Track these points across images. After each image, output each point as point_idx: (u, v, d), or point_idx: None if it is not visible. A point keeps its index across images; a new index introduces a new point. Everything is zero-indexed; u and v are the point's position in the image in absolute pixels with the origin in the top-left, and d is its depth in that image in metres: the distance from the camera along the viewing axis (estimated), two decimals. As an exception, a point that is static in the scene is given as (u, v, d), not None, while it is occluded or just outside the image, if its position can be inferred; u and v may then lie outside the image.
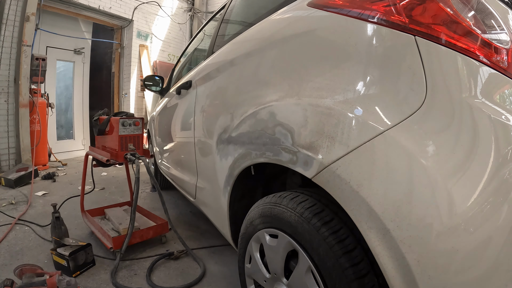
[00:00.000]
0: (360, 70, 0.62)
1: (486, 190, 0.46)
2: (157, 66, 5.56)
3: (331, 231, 0.63)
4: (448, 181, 0.47)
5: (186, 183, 1.67)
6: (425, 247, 0.48)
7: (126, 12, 4.95)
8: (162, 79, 2.44)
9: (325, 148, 0.62)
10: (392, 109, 0.55)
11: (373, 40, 0.61)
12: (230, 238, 1.14)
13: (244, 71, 1.01)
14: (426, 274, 0.47)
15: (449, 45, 0.52)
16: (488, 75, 0.51)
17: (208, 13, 6.27)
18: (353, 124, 0.59)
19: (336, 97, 0.64)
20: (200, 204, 1.50)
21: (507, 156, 0.46)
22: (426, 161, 0.49)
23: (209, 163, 1.24)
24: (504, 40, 0.53)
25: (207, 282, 1.36)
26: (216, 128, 1.14)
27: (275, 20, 0.91)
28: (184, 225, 2.05)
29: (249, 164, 0.89)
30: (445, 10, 0.54)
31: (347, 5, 0.67)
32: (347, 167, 0.57)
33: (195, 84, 1.50)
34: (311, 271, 0.66)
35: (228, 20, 1.48)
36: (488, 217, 0.45)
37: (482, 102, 0.50)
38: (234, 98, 1.05)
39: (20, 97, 3.39)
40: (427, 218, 0.48)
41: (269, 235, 0.81)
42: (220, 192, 1.10)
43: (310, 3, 0.77)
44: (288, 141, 0.71)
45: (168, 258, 1.55)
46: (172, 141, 1.97)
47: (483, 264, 0.45)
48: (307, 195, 0.73)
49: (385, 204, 0.52)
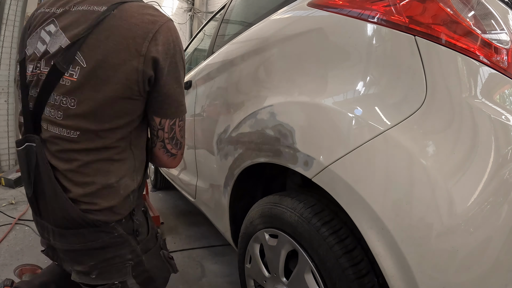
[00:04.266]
0: (360, 70, 0.62)
1: (486, 190, 0.46)
2: (157, 66, 5.55)
3: (331, 231, 0.63)
4: (448, 181, 0.47)
5: (186, 183, 1.67)
6: (425, 247, 0.48)
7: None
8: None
9: (325, 148, 0.63)
10: (392, 109, 0.55)
11: (373, 40, 0.61)
12: (230, 238, 1.14)
13: (244, 71, 1.01)
14: (426, 274, 0.48)
15: (449, 45, 0.52)
16: (488, 75, 0.51)
17: (208, 13, 6.28)
18: (353, 124, 0.59)
19: (336, 97, 0.64)
20: (200, 204, 1.50)
21: (507, 156, 0.46)
22: (426, 161, 0.49)
23: (209, 163, 1.24)
24: (504, 40, 0.53)
25: (207, 282, 1.36)
26: (216, 128, 1.14)
27: (275, 20, 0.91)
28: (184, 225, 2.06)
29: (249, 164, 0.89)
30: (445, 10, 0.54)
31: (347, 5, 0.67)
32: (347, 167, 0.57)
33: (195, 84, 1.50)
34: (311, 271, 0.67)
35: (228, 20, 1.48)
36: (488, 217, 0.45)
37: (482, 102, 0.50)
38: (234, 98, 1.05)
39: (20, 97, 3.39)
40: (427, 218, 0.48)
41: (269, 235, 0.81)
42: (220, 192, 1.10)
43: (310, 3, 0.77)
44: (288, 141, 0.71)
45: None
46: (172, 141, 1.97)
47: (483, 264, 0.45)
48: (307, 195, 0.73)
49: (385, 204, 0.52)
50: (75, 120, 0.67)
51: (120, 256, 0.77)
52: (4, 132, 3.35)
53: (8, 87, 3.35)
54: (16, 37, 3.33)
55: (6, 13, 3.24)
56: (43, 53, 0.69)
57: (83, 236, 0.73)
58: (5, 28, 3.25)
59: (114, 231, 0.75)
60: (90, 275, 0.76)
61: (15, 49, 3.35)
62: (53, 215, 0.73)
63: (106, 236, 0.74)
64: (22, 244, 1.68)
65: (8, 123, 3.36)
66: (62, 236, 0.74)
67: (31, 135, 0.71)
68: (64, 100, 0.67)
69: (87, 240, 0.73)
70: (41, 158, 0.70)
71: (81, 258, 0.76)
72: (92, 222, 0.72)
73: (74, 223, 0.71)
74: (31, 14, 0.75)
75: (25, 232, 1.84)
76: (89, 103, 0.67)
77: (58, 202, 0.70)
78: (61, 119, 0.68)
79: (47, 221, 0.76)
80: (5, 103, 3.34)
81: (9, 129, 3.37)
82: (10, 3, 3.26)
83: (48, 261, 1.48)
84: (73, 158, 0.70)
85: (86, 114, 0.67)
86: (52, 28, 0.69)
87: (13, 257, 1.53)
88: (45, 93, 0.68)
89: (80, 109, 0.67)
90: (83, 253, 0.75)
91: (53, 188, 0.70)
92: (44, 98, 0.69)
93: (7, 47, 3.30)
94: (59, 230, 0.74)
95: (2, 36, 3.24)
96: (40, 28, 0.70)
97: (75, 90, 0.66)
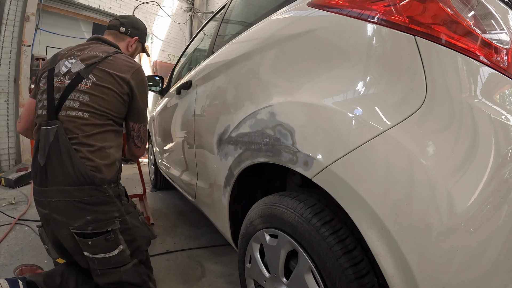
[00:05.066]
0: (360, 70, 0.62)
1: (486, 190, 0.46)
2: (157, 66, 5.57)
3: (331, 231, 0.63)
4: (448, 181, 0.47)
5: (186, 183, 1.67)
6: (425, 247, 0.48)
7: (126, 12, 4.96)
8: (162, 79, 2.43)
9: (325, 148, 0.63)
10: (392, 109, 0.55)
11: (373, 40, 0.61)
12: (230, 238, 1.14)
13: (244, 71, 1.01)
14: (426, 274, 0.48)
15: (449, 45, 0.52)
16: (488, 75, 0.51)
17: (208, 13, 6.27)
18: (353, 124, 0.59)
19: (336, 97, 0.64)
20: (200, 204, 1.50)
21: (507, 156, 0.46)
22: (426, 161, 0.49)
23: (209, 163, 1.24)
24: (504, 40, 0.53)
25: (207, 282, 1.36)
26: (216, 128, 1.14)
27: (275, 20, 0.91)
28: (184, 225, 2.06)
29: (249, 164, 0.89)
30: (445, 10, 0.54)
31: (347, 5, 0.67)
32: (347, 167, 0.57)
33: (195, 84, 1.50)
34: (311, 271, 0.67)
35: (228, 20, 1.48)
36: (488, 217, 0.45)
37: (482, 102, 0.50)
38: (234, 98, 1.05)
39: (20, 97, 3.39)
40: (427, 218, 0.48)
41: (269, 235, 0.81)
42: (220, 192, 1.10)
43: (310, 3, 0.77)
44: (288, 141, 0.71)
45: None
46: (172, 141, 1.98)
47: (483, 264, 0.45)
48: (307, 195, 0.73)
49: (385, 204, 0.52)
50: (87, 107, 1.07)
51: (109, 212, 1.07)
52: (4, 132, 3.35)
53: (8, 87, 3.35)
54: (16, 37, 3.33)
55: (6, 13, 3.24)
56: (66, 72, 1.12)
57: (84, 192, 1.02)
58: (5, 28, 3.25)
59: (106, 192, 1.07)
60: (87, 229, 1.02)
61: (15, 49, 3.35)
62: (63, 175, 1.02)
63: (100, 194, 1.05)
64: (22, 244, 1.68)
65: (8, 123, 3.36)
66: (67, 192, 1.01)
67: (53, 120, 1.05)
68: (80, 96, 1.08)
69: (87, 195, 1.03)
70: (61, 133, 1.03)
71: (79, 213, 1.02)
72: (92, 179, 1.03)
73: (80, 180, 1.01)
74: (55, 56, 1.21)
75: (25, 232, 1.84)
76: (96, 100, 1.09)
77: (71, 161, 1.01)
78: (78, 106, 1.07)
79: (54, 184, 1.02)
80: (5, 103, 3.34)
81: (9, 129, 3.37)
82: (10, 3, 3.26)
83: (48, 261, 1.49)
84: (83, 130, 1.06)
85: (94, 104, 1.08)
86: (73, 61, 1.14)
87: (13, 257, 1.53)
88: (67, 92, 1.08)
89: (91, 102, 1.09)
90: (82, 207, 1.02)
91: (68, 151, 1.02)
92: (66, 95, 1.08)
93: (7, 47, 3.30)
94: (64, 188, 1.01)
95: (2, 36, 3.24)
96: (64, 60, 1.15)
97: (88, 92, 1.09)
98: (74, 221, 1.02)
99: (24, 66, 3.40)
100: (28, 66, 3.47)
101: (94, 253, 1.04)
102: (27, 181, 2.96)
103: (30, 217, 2.08)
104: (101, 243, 1.04)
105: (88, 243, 1.03)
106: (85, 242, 1.03)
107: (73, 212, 1.02)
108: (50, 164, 1.03)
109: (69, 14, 4.38)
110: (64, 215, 1.02)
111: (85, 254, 1.05)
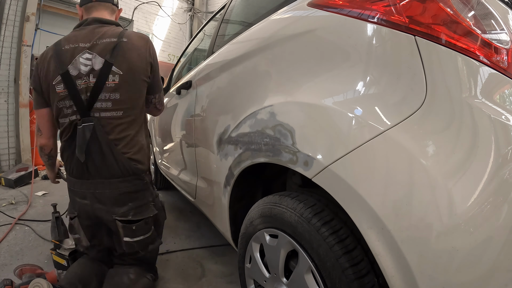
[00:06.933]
0: (360, 70, 0.62)
1: (486, 190, 0.46)
2: (157, 66, 5.55)
3: (331, 231, 0.63)
4: (448, 181, 0.47)
5: (186, 183, 1.67)
6: (425, 247, 0.48)
7: (126, 12, 4.96)
8: (162, 79, 2.43)
9: (325, 148, 0.63)
10: (392, 109, 0.55)
11: (373, 40, 0.61)
12: (230, 238, 1.14)
13: (244, 71, 1.01)
14: (426, 274, 0.48)
15: (449, 45, 0.52)
16: (488, 75, 0.51)
17: (208, 13, 6.27)
18: (353, 124, 0.59)
19: (336, 97, 0.64)
20: (200, 204, 1.50)
21: (507, 156, 0.46)
22: (426, 161, 0.49)
23: (209, 163, 1.24)
24: (504, 40, 0.53)
25: (207, 282, 1.36)
26: (216, 128, 1.14)
27: (275, 20, 0.91)
28: (184, 225, 2.06)
29: (249, 164, 0.89)
30: (445, 10, 0.54)
31: (347, 5, 0.67)
32: (347, 167, 0.57)
33: (195, 84, 1.50)
34: (311, 271, 0.67)
35: (228, 20, 1.48)
36: (488, 217, 0.45)
37: (482, 102, 0.50)
38: (234, 98, 1.05)
39: (20, 97, 3.39)
40: (427, 218, 0.48)
41: (269, 235, 0.81)
42: (220, 192, 1.10)
43: (310, 3, 0.77)
44: (288, 141, 0.71)
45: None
46: (172, 141, 1.97)
47: (483, 264, 0.45)
48: (307, 195, 0.73)
49: (385, 204, 0.52)
50: (119, 104, 1.10)
51: (146, 198, 1.18)
52: (4, 132, 3.34)
53: (8, 87, 3.34)
54: (16, 37, 3.32)
55: (6, 13, 3.24)
56: (89, 71, 1.08)
57: (128, 182, 1.12)
58: (5, 28, 3.24)
59: (144, 179, 1.17)
60: (129, 215, 1.12)
61: (15, 49, 3.35)
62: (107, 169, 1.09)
63: (140, 182, 1.16)
64: (22, 244, 1.68)
65: (8, 123, 3.36)
66: (111, 184, 1.10)
67: (88, 118, 1.07)
68: (112, 95, 1.08)
69: (131, 185, 1.13)
70: (99, 130, 1.07)
71: (123, 201, 1.12)
72: (133, 170, 1.12)
73: (123, 172, 1.10)
74: (56, 56, 1.12)
75: (25, 232, 1.84)
76: (126, 94, 1.10)
77: (113, 156, 1.08)
78: (111, 106, 1.09)
79: (98, 177, 1.09)
80: (5, 103, 3.34)
81: (9, 129, 3.37)
82: (10, 3, 3.25)
83: (48, 261, 1.49)
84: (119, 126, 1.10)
85: (126, 100, 1.10)
86: (89, 56, 1.08)
87: (13, 257, 1.53)
88: (97, 92, 1.07)
89: (122, 97, 1.10)
90: (125, 195, 1.12)
91: (109, 147, 1.08)
92: (96, 95, 1.07)
93: (7, 47, 3.30)
94: (108, 180, 1.10)
95: (2, 36, 3.23)
96: (77, 58, 1.08)
97: (117, 88, 1.09)
98: (118, 209, 1.11)
99: (24, 66, 3.39)
100: (28, 66, 3.46)
101: (135, 236, 1.14)
102: (27, 181, 2.96)
103: (30, 217, 2.08)
104: (142, 227, 1.15)
105: (133, 228, 1.13)
106: (129, 228, 1.12)
107: (116, 202, 1.11)
108: (90, 159, 1.08)
109: (69, 14, 4.39)
110: (108, 204, 1.11)
111: (125, 239, 1.13)
